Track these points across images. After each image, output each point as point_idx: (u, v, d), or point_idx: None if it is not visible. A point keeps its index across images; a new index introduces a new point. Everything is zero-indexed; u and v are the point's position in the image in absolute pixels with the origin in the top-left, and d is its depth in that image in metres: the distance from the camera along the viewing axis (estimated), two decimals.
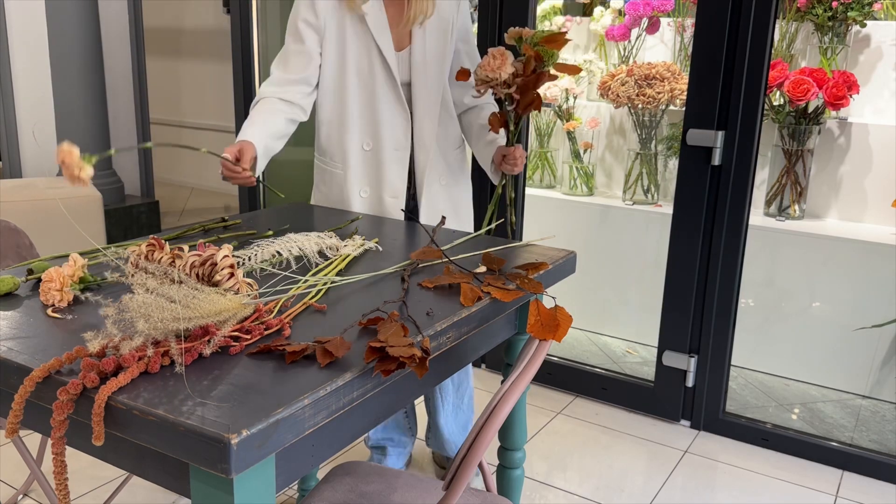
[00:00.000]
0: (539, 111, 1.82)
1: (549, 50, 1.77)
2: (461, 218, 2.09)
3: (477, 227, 2.32)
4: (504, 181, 1.97)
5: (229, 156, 1.62)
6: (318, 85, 1.91)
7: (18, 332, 1.12)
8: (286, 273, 1.43)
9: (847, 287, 2.82)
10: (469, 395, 2.22)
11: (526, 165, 2.84)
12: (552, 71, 1.80)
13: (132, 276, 1.16)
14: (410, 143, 1.93)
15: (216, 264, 1.19)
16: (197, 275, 1.20)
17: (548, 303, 1.69)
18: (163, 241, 1.29)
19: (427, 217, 1.99)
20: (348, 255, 1.53)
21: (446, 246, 1.66)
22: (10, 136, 4.16)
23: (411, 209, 2.01)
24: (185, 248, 1.28)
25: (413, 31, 1.88)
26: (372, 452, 2.27)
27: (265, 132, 1.77)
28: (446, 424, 2.19)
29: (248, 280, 1.23)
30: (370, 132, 1.91)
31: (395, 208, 1.95)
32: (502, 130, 1.90)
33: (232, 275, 1.19)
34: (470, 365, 2.23)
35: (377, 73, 1.87)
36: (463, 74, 1.82)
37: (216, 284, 1.18)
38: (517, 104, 1.80)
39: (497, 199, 1.98)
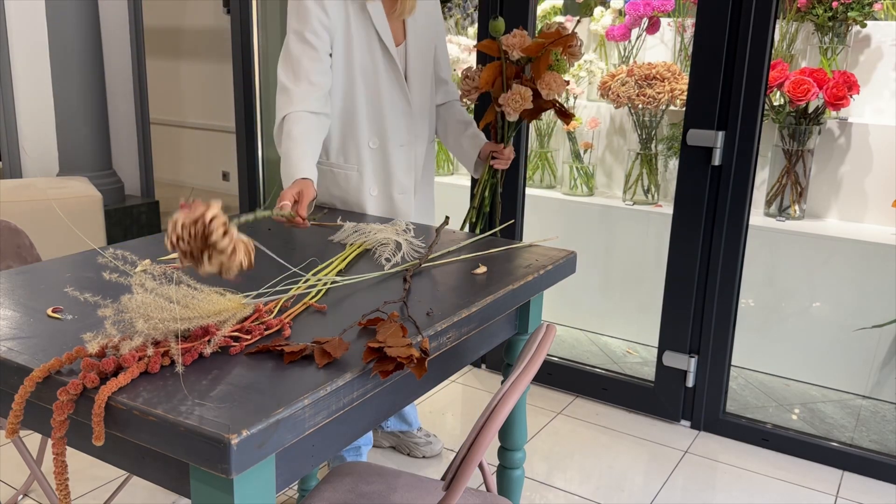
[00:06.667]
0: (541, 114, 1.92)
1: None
2: (432, 213, 2.11)
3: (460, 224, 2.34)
4: (494, 174, 2.01)
5: (289, 203, 1.55)
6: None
7: (18, 332, 1.12)
8: (285, 273, 1.43)
9: (847, 287, 2.81)
10: None
11: (526, 165, 2.84)
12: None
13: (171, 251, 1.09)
14: (412, 139, 1.95)
15: (207, 224, 1.08)
16: (190, 233, 1.08)
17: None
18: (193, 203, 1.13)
19: (418, 214, 2.00)
20: (348, 255, 1.53)
21: (455, 246, 1.66)
22: (10, 136, 4.16)
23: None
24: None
25: (407, 27, 1.89)
26: (345, 455, 2.14)
27: (314, 160, 1.71)
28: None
29: (244, 238, 1.12)
30: (376, 129, 1.91)
31: (404, 205, 1.96)
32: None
33: (226, 232, 1.09)
34: None
35: (380, 68, 1.86)
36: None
37: (213, 244, 1.08)
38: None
39: (490, 193, 2.01)
